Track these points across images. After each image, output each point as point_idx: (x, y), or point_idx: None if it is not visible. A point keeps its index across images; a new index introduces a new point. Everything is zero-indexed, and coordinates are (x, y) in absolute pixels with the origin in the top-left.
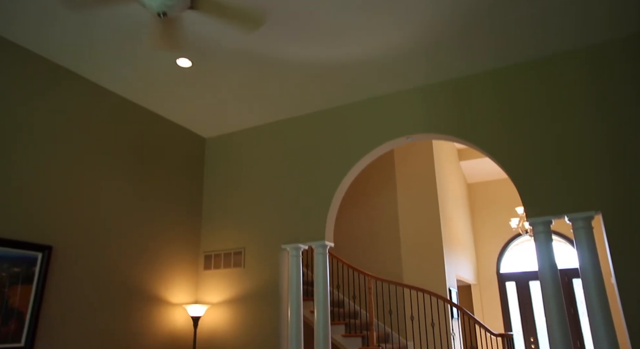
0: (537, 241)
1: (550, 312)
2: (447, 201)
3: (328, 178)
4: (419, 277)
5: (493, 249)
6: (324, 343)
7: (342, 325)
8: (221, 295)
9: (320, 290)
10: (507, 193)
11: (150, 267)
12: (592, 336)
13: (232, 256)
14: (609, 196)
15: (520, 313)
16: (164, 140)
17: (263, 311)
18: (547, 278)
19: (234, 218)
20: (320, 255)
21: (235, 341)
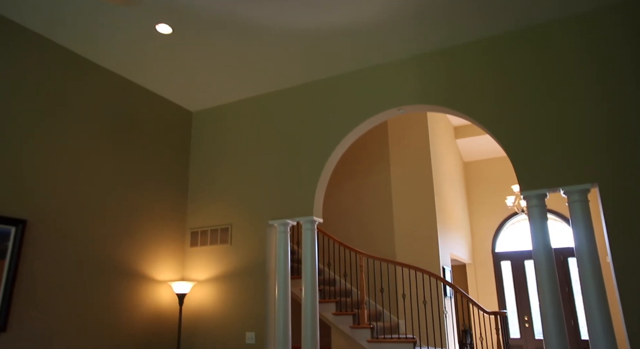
0: (531, 216)
1: (542, 287)
2: (442, 179)
3: (317, 152)
4: (412, 255)
5: (489, 228)
6: (312, 320)
7: (333, 304)
8: (207, 272)
9: (308, 266)
10: (504, 171)
11: (134, 243)
12: (586, 314)
13: (218, 233)
14: (605, 168)
15: (515, 293)
16: (149, 113)
17: (250, 288)
18: (540, 254)
19: (221, 194)
20: (309, 231)
21: (221, 318)
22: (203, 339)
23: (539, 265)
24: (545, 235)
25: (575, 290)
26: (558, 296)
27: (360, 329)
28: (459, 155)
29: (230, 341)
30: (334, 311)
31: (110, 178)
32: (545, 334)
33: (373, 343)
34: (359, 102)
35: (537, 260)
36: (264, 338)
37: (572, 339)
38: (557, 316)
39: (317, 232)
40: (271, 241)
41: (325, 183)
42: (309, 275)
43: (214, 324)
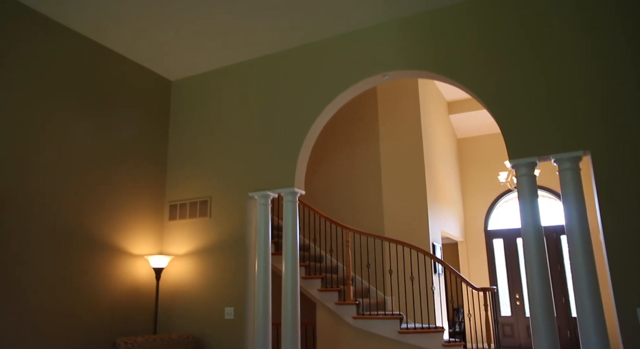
0: (520, 186)
1: (530, 258)
2: (434, 155)
3: (299, 121)
4: (402, 232)
5: (481, 206)
6: (292, 295)
7: (319, 280)
8: (186, 246)
9: (289, 239)
10: (497, 148)
11: (110, 216)
12: (574, 289)
13: (197, 206)
14: (598, 135)
15: (506, 271)
16: (126, 82)
17: (229, 262)
18: (529, 226)
19: (201, 166)
20: (290, 203)
21: (200, 293)
22: (181, 315)
23: (527, 236)
24: (534, 206)
25: (567, 268)
26: (545, 267)
27: (346, 305)
28: (452, 131)
29: (208, 316)
30: (319, 287)
31: (84, 149)
32: (532, 311)
33: (358, 319)
34: (341, 68)
35: (526, 231)
36: (243, 313)
37: (562, 317)
38: (543, 290)
39: (302, 206)
40: (251, 214)
41: (308, 153)
42: (290, 249)
43: (192, 299)
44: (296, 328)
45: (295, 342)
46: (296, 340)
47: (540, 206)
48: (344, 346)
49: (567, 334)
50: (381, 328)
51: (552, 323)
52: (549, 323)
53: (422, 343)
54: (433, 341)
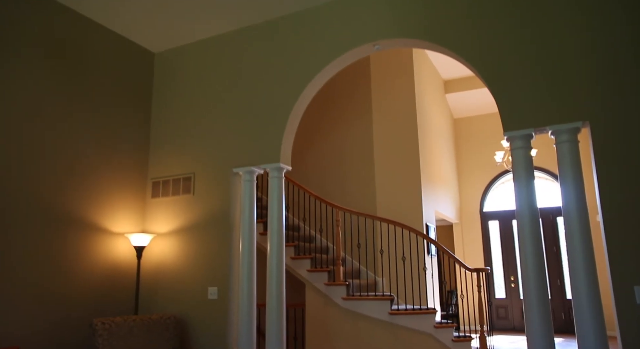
0: (515, 161)
1: (525, 238)
2: (429, 134)
3: (285, 94)
4: (394, 212)
5: (477, 187)
6: (277, 274)
7: (308, 260)
8: (169, 225)
9: (275, 217)
10: (494, 128)
11: (91, 194)
12: (570, 270)
13: (181, 183)
14: (597, 105)
15: (502, 253)
16: (107, 54)
17: (213, 241)
18: (524, 203)
19: (184, 141)
20: (276, 179)
21: (182, 272)
22: (163, 295)
23: (521, 213)
24: (529, 182)
25: (563, 250)
26: (540, 246)
27: (335, 286)
28: (448, 110)
29: (191, 296)
30: (308, 268)
31: (62, 125)
32: (525, 293)
33: (348, 300)
34: (329, 38)
35: (520, 208)
36: (227, 293)
37: (557, 299)
38: (537, 270)
39: (292, 186)
40: (236, 191)
41: (294, 128)
42: (275, 226)
43: (175, 278)
44: (281, 309)
45: (280, 323)
46: (281, 321)
47: (536, 186)
48: (334, 327)
49: (562, 317)
50: (371, 309)
51: (546, 305)
52: (543, 305)
53: (413, 325)
54: (424, 322)
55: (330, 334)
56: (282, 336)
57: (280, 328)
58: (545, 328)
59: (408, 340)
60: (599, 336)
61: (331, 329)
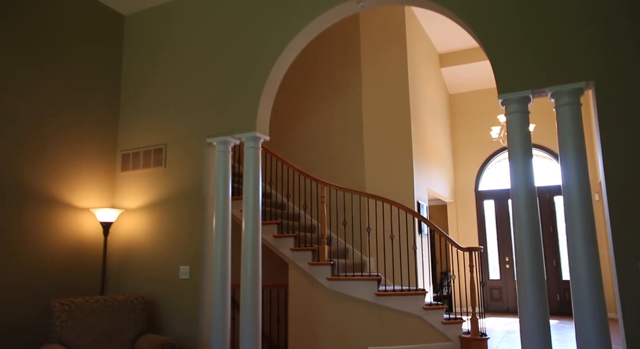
0: (510, 127)
1: (520, 213)
2: (422, 109)
3: (262, 58)
4: (384, 189)
5: (472, 165)
6: (253, 252)
7: (291, 238)
8: (139, 199)
9: (250, 190)
10: (491, 104)
11: (55, 167)
12: (569, 248)
13: (152, 155)
14: (603, 62)
15: (497, 233)
16: (73, 16)
17: (185, 216)
18: (519, 175)
19: (156, 110)
20: (252, 149)
21: (153, 250)
22: (133, 274)
23: (516, 186)
24: (526, 151)
25: (560, 231)
26: (536, 219)
27: (320, 266)
28: (443, 86)
29: (162, 275)
30: (292, 246)
31: (25, 92)
32: (519, 274)
33: (333, 280)
34: None
35: (516, 181)
36: (199, 272)
37: (553, 280)
38: (532, 247)
39: (277, 160)
40: (210, 163)
41: (272, 95)
42: (251, 201)
43: (145, 257)
44: (256, 290)
45: (255, 304)
46: (256, 302)
47: (533, 163)
48: (318, 309)
49: (557, 298)
50: (357, 290)
51: (542, 286)
52: (538, 286)
53: (402, 306)
54: (413, 304)
55: (314, 316)
56: (256, 319)
57: (255, 310)
58: (540, 309)
59: (396, 322)
60: (598, 318)
61: (315, 311)
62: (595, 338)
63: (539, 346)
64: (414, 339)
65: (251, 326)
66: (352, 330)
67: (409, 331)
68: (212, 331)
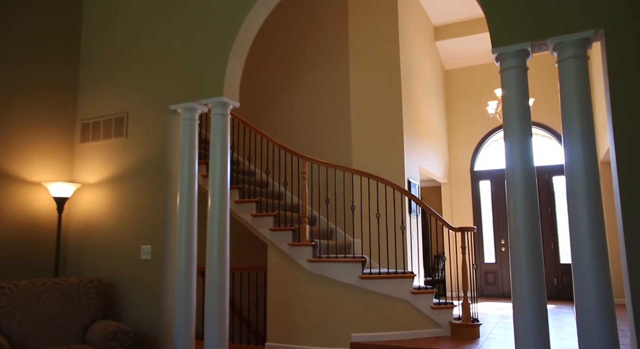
0: (505, 85)
1: (514, 188)
2: (414, 84)
3: (228, 15)
4: (372, 166)
5: (468, 144)
6: (220, 229)
7: (271, 217)
8: (99, 173)
9: (217, 163)
10: (488, 80)
11: (3, 137)
12: (571, 226)
13: (112, 124)
14: (614, 8)
15: (492, 215)
16: None
17: (148, 191)
18: (515, 143)
19: (118, 75)
20: (219, 117)
21: (114, 227)
22: (92, 254)
23: (512, 156)
24: (523, 114)
25: (558, 212)
26: (534, 195)
27: (300, 247)
28: (438, 60)
29: (121, 256)
30: (271, 226)
31: None
32: (513, 257)
33: (314, 262)
34: None
35: (511, 154)
36: (162, 252)
37: (550, 264)
38: (529, 231)
39: (256, 134)
40: (174, 132)
41: (242, 55)
42: (218, 175)
43: (105, 235)
44: (223, 270)
45: (221, 287)
46: (223, 285)
47: (532, 134)
48: (298, 293)
49: (555, 282)
50: (340, 273)
51: (539, 269)
52: (535, 275)
53: (387, 290)
54: (400, 288)
55: (294, 300)
56: (223, 304)
57: (222, 294)
58: (537, 299)
59: (381, 307)
60: (603, 301)
61: (295, 295)
62: (599, 324)
63: (534, 339)
64: (401, 326)
65: (218, 312)
66: (334, 315)
67: (395, 317)
68: (176, 317)
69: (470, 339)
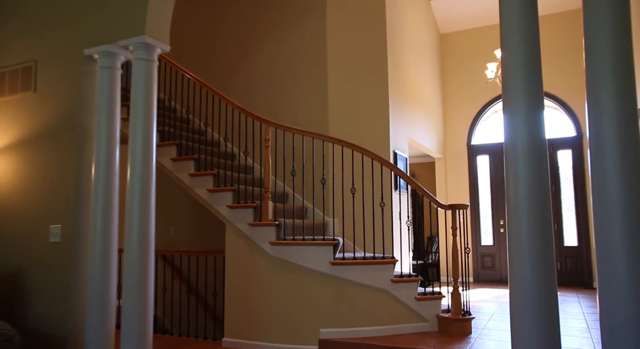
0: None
1: (514, 170)
2: (403, 46)
3: None
4: (353, 135)
5: (465, 116)
6: (142, 203)
7: (229, 193)
8: (2, 137)
9: (139, 122)
10: (489, 47)
11: None
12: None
13: (19, 76)
14: None
15: (491, 193)
16: None
17: (58, 158)
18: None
19: (26, 17)
20: (141, 62)
21: (17, 202)
22: None
23: (512, 116)
24: (531, 45)
25: (563, 190)
26: (545, 169)
27: (262, 227)
28: (433, 23)
29: (29, 238)
30: (230, 203)
31: None
32: (511, 241)
33: (278, 245)
34: None
35: (510, 99)
36: (73, 233)
37: (554, 247)
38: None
39: (216, 97)
40: (91, 84)
41: None
42: (140, 137)
43: (6, 212)
44: (146, 253)
45: (144, 275)
46: (145, 272)
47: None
48: (260, 280)
49: (558, 266)
50: (308, 258)
51: (550, 259)
52: (545, 259)
53: (364, 279)
54: (379, 276)
55: (255, 289)
56: (145, 295)
57: (144, 283)
58: (549, 287)
59: (356, 299)
60: None
61: (256, 283)
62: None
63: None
64: (379, 320)
65: (137, 304)
66: (301, 308)
67: (372, 310)
68: (89, 312)
69: (460, 335)
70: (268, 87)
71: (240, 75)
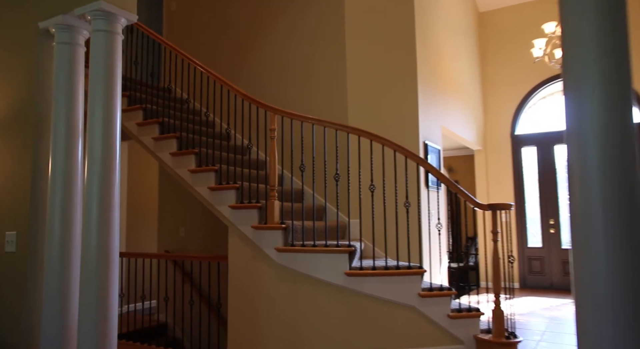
0: None
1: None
2: (435, 25)
3: None
4: (375, 124)
5: (508, 103)
6: (101, 201)
7: (232, 191)
8: None
9: (97, 107)
10: (535, 25)
11: None
12: None
13: None
14: None
15: (539, 190)
16: None
17: (12, 152)
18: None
19: None
20: (101, 34)
21: None
22: None
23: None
24: None
25: None
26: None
27: (266, 230)
28: (471, 1)
29: None
30: (232, 203)
31: None
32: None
33: (285, 252)
34: None
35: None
36: (29, 241)
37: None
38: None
39: (220, 86)
40: (48, 63)
41: None
42: (99, 125)
43: None
44: (107, 259)
45: (104, 283)
46: (106, 281)
47: None
48: (265, 292)
49: None
50: (319, 268)
51: None
52: None
53: (385, 293)
54: (403, 289)
55: (260, 302)
56: (105, 307)
57: (105, 291)
58: None
59: (376, 315)
60: None
61: (261, 295)
62: None
63: None
64: (403, 342)
65: (94, 318)
66: (310, 326)
67: (395, 330)
68: (43, 335)
69: None
70: (282, 70)
71: (254, 60)
